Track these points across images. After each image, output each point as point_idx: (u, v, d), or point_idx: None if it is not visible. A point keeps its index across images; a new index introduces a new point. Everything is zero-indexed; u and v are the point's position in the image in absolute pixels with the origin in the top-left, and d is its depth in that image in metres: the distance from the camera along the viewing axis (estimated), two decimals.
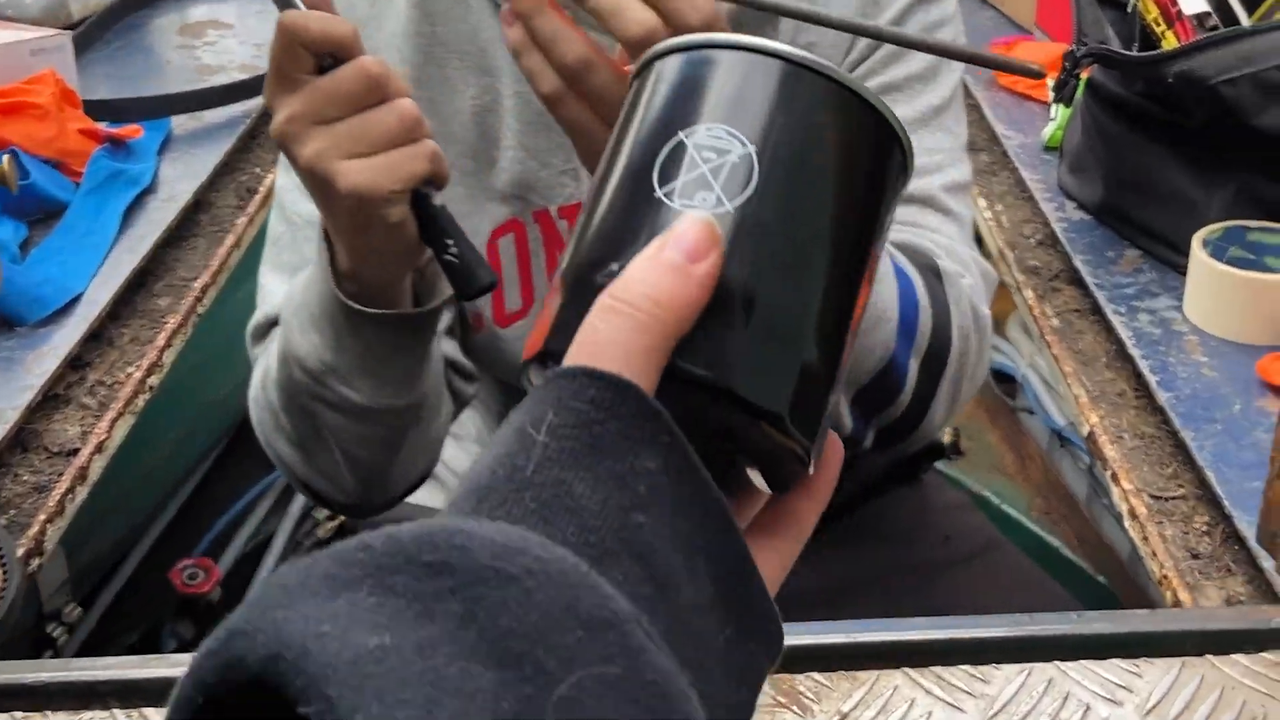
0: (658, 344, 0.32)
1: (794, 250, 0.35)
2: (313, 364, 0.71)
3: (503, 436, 0.31)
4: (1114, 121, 1.15)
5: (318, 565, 0.27)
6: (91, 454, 0.91)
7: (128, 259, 1.09)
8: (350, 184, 0.60)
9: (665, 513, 0.30)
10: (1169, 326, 1.05)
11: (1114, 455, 0.94)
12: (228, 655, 0.26)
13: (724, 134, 0.35)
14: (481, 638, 0.26)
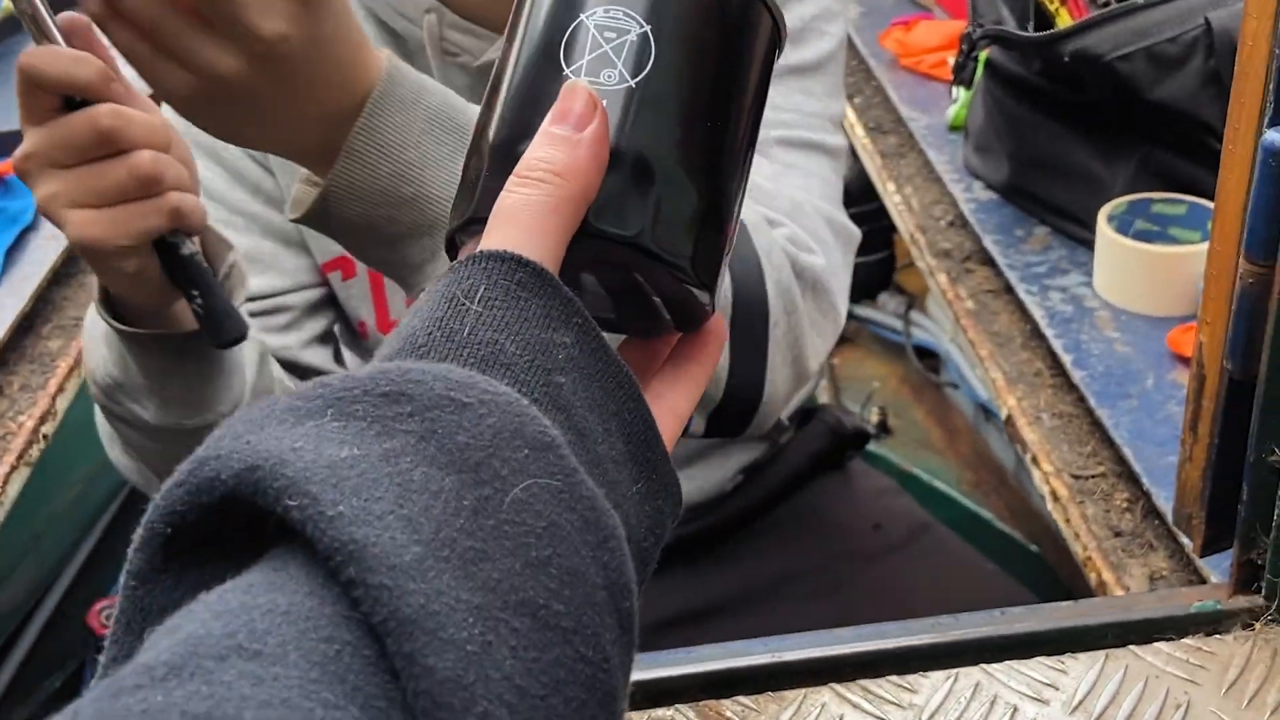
0: (564, 209, 0.37)
1: (690, 117, 0.40)
2: (101, 378, 0.70)
3: (432, 303, 0.35)
4: (1015, 101, 1.15)
5: (278, 403, 0.31)
6: None
7: (11, 302, 1.05)
8: (75, 235, 0.59)
9: (581, 379, 0.35)
10: (1080, 303, 1.06)
11: (1033, 438, 0.95)
12: (198, 480, 0.29)
13: (621, 14, 0.39)
14: (440, 450, 0.30)
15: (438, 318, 0.34)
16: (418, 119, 0.56)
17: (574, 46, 0.39)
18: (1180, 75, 1.03)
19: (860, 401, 1.88)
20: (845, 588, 1.01)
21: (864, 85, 1.50)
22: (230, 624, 0.26)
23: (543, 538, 0.30)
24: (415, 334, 0.34)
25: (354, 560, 0.27)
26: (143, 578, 0.29)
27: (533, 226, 0.36)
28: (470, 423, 0.31)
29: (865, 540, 1.05)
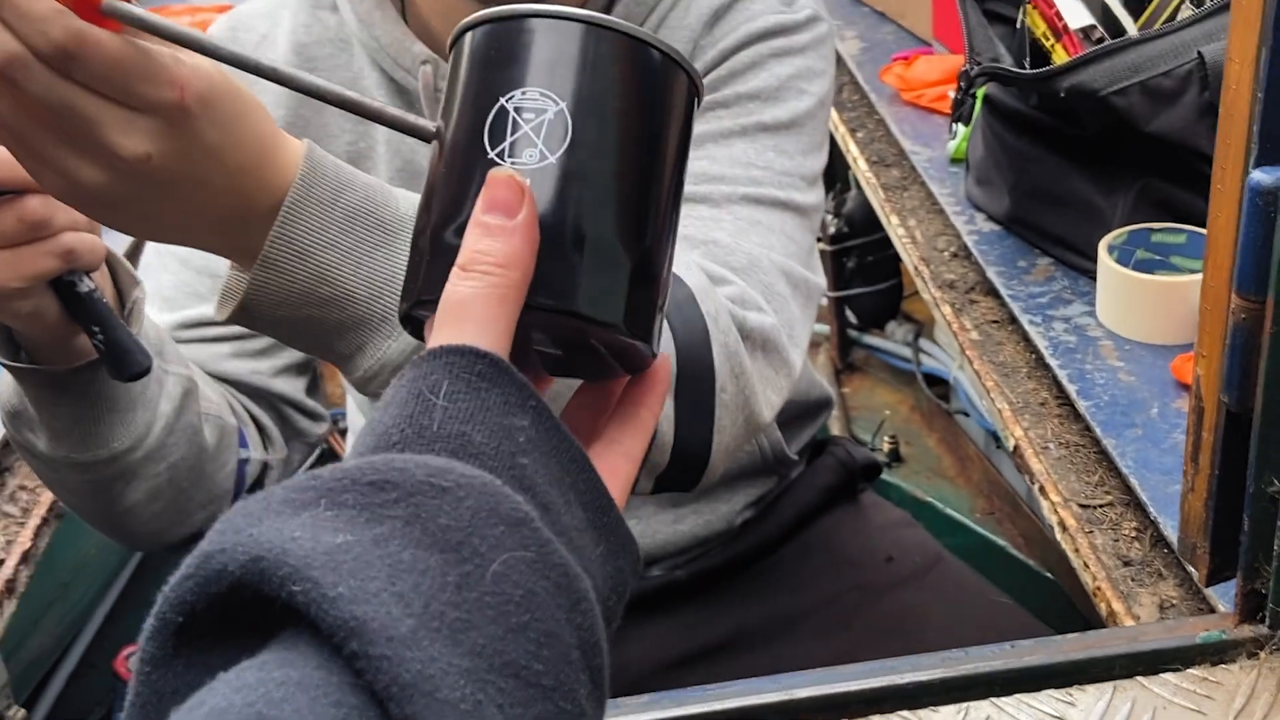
0: (510, 296, 0.40)
1: (612, 184, 0.42)
2: (4, 403, 0.71)
3: (400, 400, 0.38)
4: (1013, 134, 1.17)
5: (274, 495, 0.34)
6: (17, 565, 0.89)
7: None
8: None
9: (540, 458, 0.38)
10: (1084, 333, 1.07)
11: (1040, 468, 0.96)
12: (206, 572, 0.32)
13: (538, 95, 0.41)
14: (425, 532, 0.33)
15: (408, 414, 0.37)
16: (336, 218, 0.54)
17: (497, 130, 0.41)
18: (1176, 108, 1.05)
19: (871, 430, 1.89)
20: (857, 622, 1.01)
21: (866, 120, 1.53)
22: (249, 696, 0.30)
23: (521, 605, 0.33)
24: (389, 431, 0.37)
25: (355, 635, 0.30)
26: (156, 663, 0.32)
27: (484, 317, 0.39)
28: (450, 506, 0.34)
29: (877, 573, 1.06)
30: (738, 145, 0.80)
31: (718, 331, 0.69)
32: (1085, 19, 1.14)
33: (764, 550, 1.05)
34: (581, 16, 0.42)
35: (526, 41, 0.42)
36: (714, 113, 0.82)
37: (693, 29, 0.83)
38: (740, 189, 0.78)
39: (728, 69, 0.82)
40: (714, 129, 0.81)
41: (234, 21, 0.89)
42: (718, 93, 0.82)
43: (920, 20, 1.64)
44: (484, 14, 0.43)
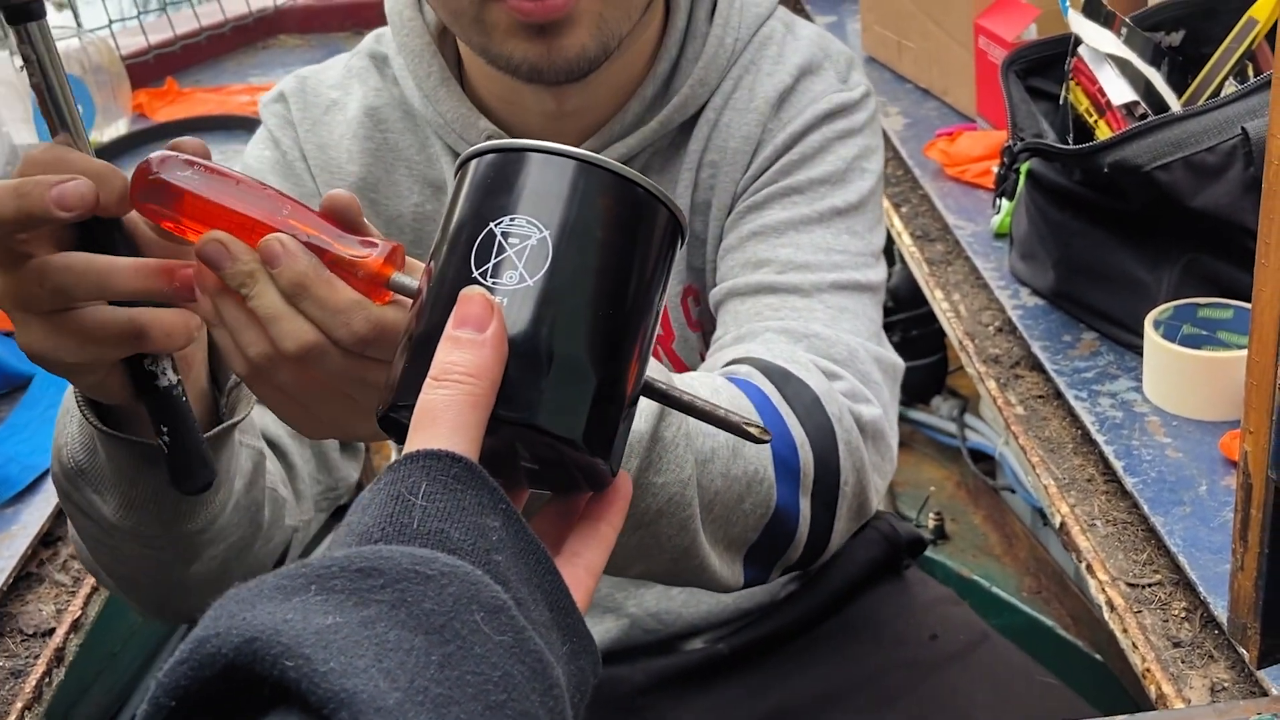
0: (480, 404, 0.42)
1: (584, 310, 0.44)
2: (66, 459, 0.64)
3: (378, 502, 0.40)
4: (1057, 209, 1.18)
5: (266, 582, 0.36)
6: (67, 633, 0.90)
7: None
8: (27, 344, 0.53)
9: (511, 556, 0.40)
10: (1130, 409, 1.06)
11: (1087, 546, 0.95)
12: (201, 656, 0.34)
13: (524, 222, 0.44)
14: (410, 615, 0.35)
15: (388, 514, 0.39)
16: None
17: (483, 252, 0.44)
18: (1220, 183, 1.05)
19: (916, 506, 1.87)
20: (901, 700, 1.00)
21: (910, 194, 1.54)
22: None
23: (499, 685, 0.35)
24: (369, 529, 0.39)
25: (346, 705, 0.32)
26: None
27: (455, 423, 0.42)
28: (434, 591, 0.36)
29: (922, 650, 1.05)
30: (817, 232, 0.83)
31: (842, 431, 0.72)
32: (1128, 95, 1.15)
33: (807, 624, 1.04)
34: (574, 154, 0.45)
35: (520, 172, 0.45)
36: (790, 199, 0.84)
37: (760, 112, 0.85)
38: (827, 276, 0.81)
39: (799, 153, 0.84)
40: (793, 216, 0.83)
41: (302, 84, 0.90)
42: (791, 178, 0.84)
43: (964, 96, 1.66)
44: (486, 145, 0.46)
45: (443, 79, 0.85)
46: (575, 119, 0.84)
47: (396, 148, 0.87)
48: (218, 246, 0.49)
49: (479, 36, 0.77)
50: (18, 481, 1.02)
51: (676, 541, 0.66)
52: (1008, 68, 1.24)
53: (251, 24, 2.24)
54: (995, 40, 1.51)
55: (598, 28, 0.75)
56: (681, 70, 0.85)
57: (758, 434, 0.50)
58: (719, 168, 0.86)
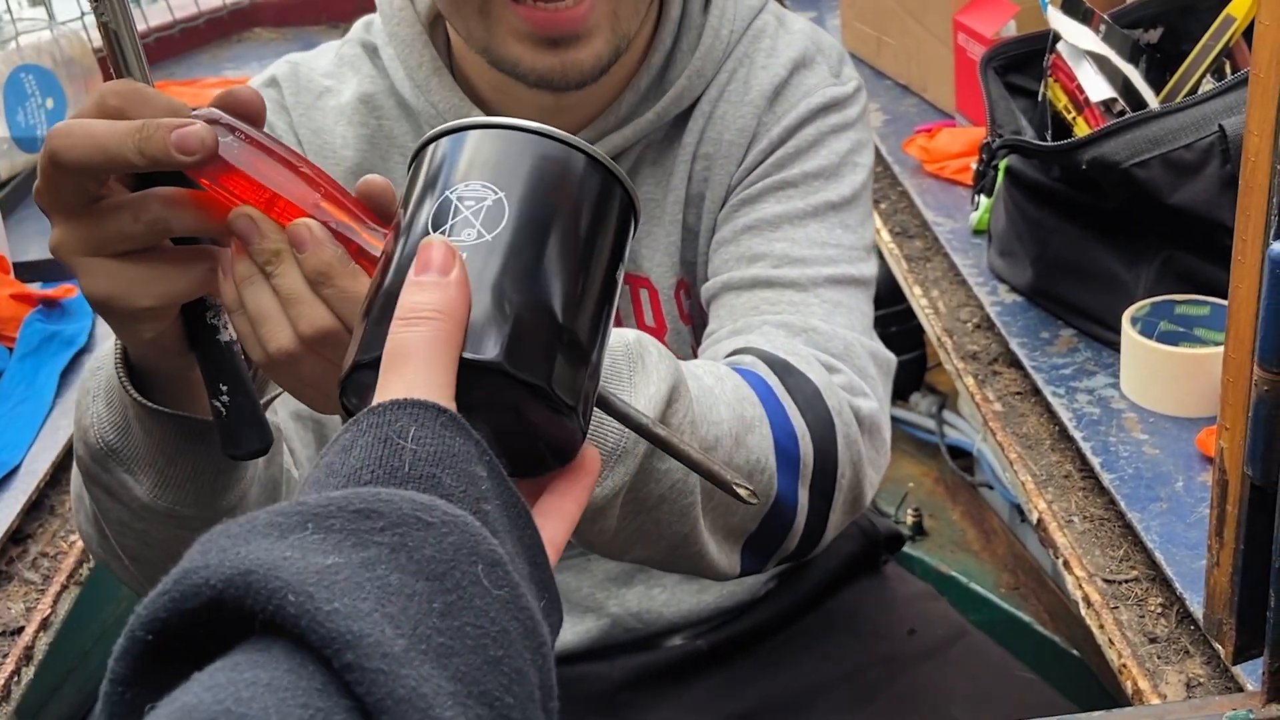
0: (451, 340, 0.42)
1: (544, 264, 0.46)
2: (94, 439, 0.62)
3: (364, 444, 0.39)
4: (1035, 206, 1.18)
5: (258, 518, 0.35)
6: (36, 631, 0.89)
7: (65, 423, 1.08)
8: (92, 290, 0.51)
9: (498, 507, 0.40)
10: (1108, 405, 1.06)
11: (1064, 542, 0.95)
12: (184, 587, 0.33)
13: (479, 186, 0.46)
14: (410, 560, 0.34)
15: (376, 456, 0.38)
16: None
17: (441, 215, 0.46)
18: (1198, 180, 1.05)
19: (895, 503, 1.88)
20: (880, 695, 1.00)
21: (889, 191, 1.54)
22: (219, 694, 0.31)
23: (497, 640, 0.35)
24: (358, 471, 0.38)
25: (351, 648, 0.31)
26: (126, 683, 0.33)
27: (428, 358, 0.42)
28: (435, 539, 0.35)
29: (900, 646, 1.05)
30: (811, 226, 0.83)
31: (841, 424, 0.73)
32: (1106, 92, 1.15)
33: (786, 620, 1.04)
34: (523, 125, 0.47)
35: (473, 146, 0.47)
36: (784, 193, 0.84)
37: (755, 105, 0.85)
38: (823, 270, 0.81)
39: (794, 146, 0.84)
40: (788, 210, 0.83)
41: (294, 70, 0.88)
42: (785, 172, 0.84)
43: (943, 93, 1.66)
44: (444, 126, 0.48)
45: (434, 69, 0.83)
46: (571, 113, 0.83)
47: (391, 134, 0.86)
48: (248, 222, 0.50)
49: (481, 33, 0.75)
50: None
51: (677, 528, 0.66)
52: (986, 64, 1.24)
53: (225, 17, 2.22)
54: (974, 37, 1.51)
55: (612, 31, 0.74)
56: (676, 62, 0.84)
57: (745, 495, 0.51)
58: (713, 160, 0.86)
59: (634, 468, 0.61)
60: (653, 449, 0.62)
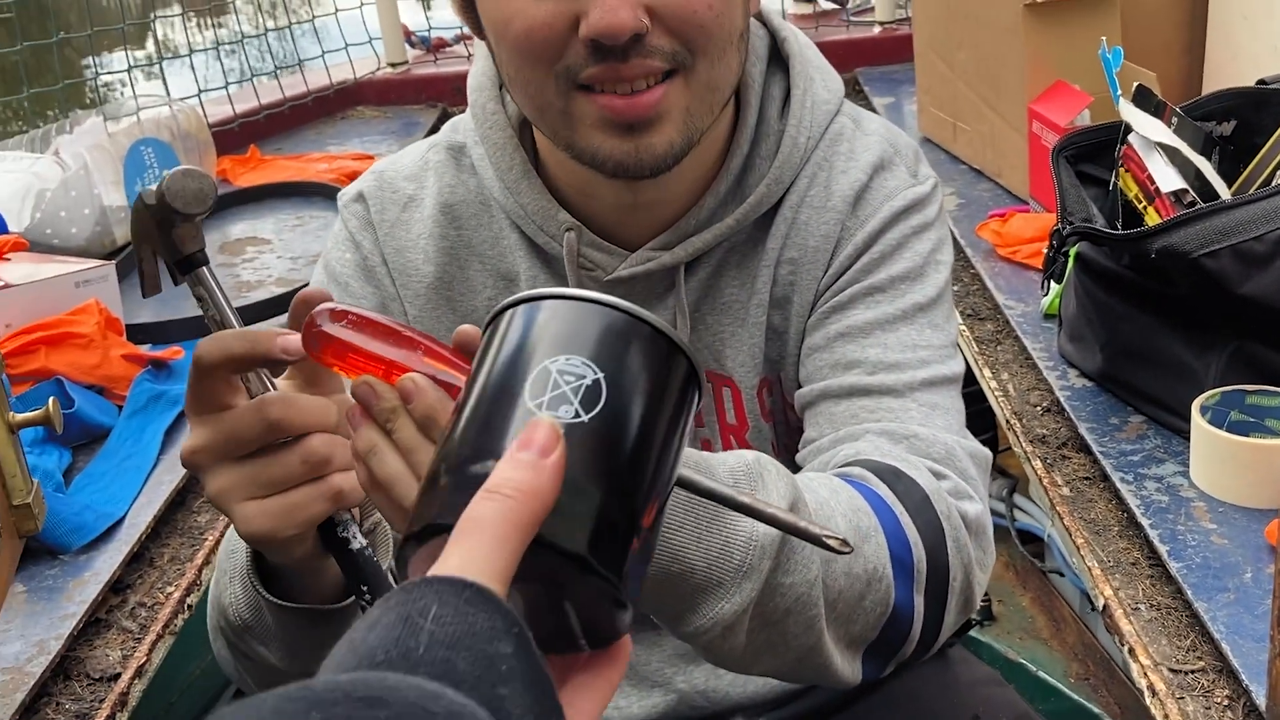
0: (525, 524, 0.43)
1: (631, 452, 0.47)
2: (233, 617, 0.70)
3: (386, 623, 0.39)
4: (1105, 292, 1.19)
5: (265, 703, 0.35)
6: (131, 679, 0.94)
7: (168, 479, 1.14)
8: (248, 531, 0.60)
9: (518, 687, 0.39)
10: (1176, 493, 1.06)
11: (1130, 629, 0.95)
12: None
13: (580, 363, 0.47)
14: None
15: (394, 636, 0.38)
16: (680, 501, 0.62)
17: (538, 386, 0.47)
18: (1269, 272, 1.06)
19: None
20: None
21: (962, 274, 1.56)
22: None
23: None
24: (374, 650, 0.38)
25: None
26: None
27: (497, 535, 0.42)
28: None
29: None
30: (902, 330, 0.85)
31: (950, 528, 0.74)
32: (1177, 183, 1.17)
33: (848, 701, 1.04)
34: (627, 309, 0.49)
35: (578, 318, 0.48)
36: (873, 299, 0.86)
37: (838, 210, 0.88)
38: (917, 374, 0.83)
39: (879, 251, 0.87)
40: (878, 315, 0.85)
41: (380, 181, 0.93)
42: (873, 277, 0.86)
43: (1017, 179, 1.68)
44: (535, 292, 0.50)
45: (524, 171, 0.87)
46: (649, 211, 0.86)
47: (470, 243, 0.90)
48: (367, 388, 0.54)
49: (565, 130, 0.79)
50: (92, 529, 1.06)
51: (803, 640, 0.67)
52: (1058, 153, 1.26)
53: (331, 95, 2.34)
54: (1049, 125, 1.54)
55: (684, 123, 0.78)
56: (755, 167, 0.87)
57: (837, 545, 0.52)
58: (799, 265, 0.89)
59: (760, 583, 0.63)
60: (776, 565, 0.64)
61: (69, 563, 1.05)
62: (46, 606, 0.99)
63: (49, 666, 0.93)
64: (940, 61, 1.89)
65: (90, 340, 1.22)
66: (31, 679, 0.92)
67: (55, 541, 1.04)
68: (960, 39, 1.81)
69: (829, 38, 2.48)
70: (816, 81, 0.89)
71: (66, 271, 1.32)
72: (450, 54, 2.62)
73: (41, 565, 1.04)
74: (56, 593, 1.01)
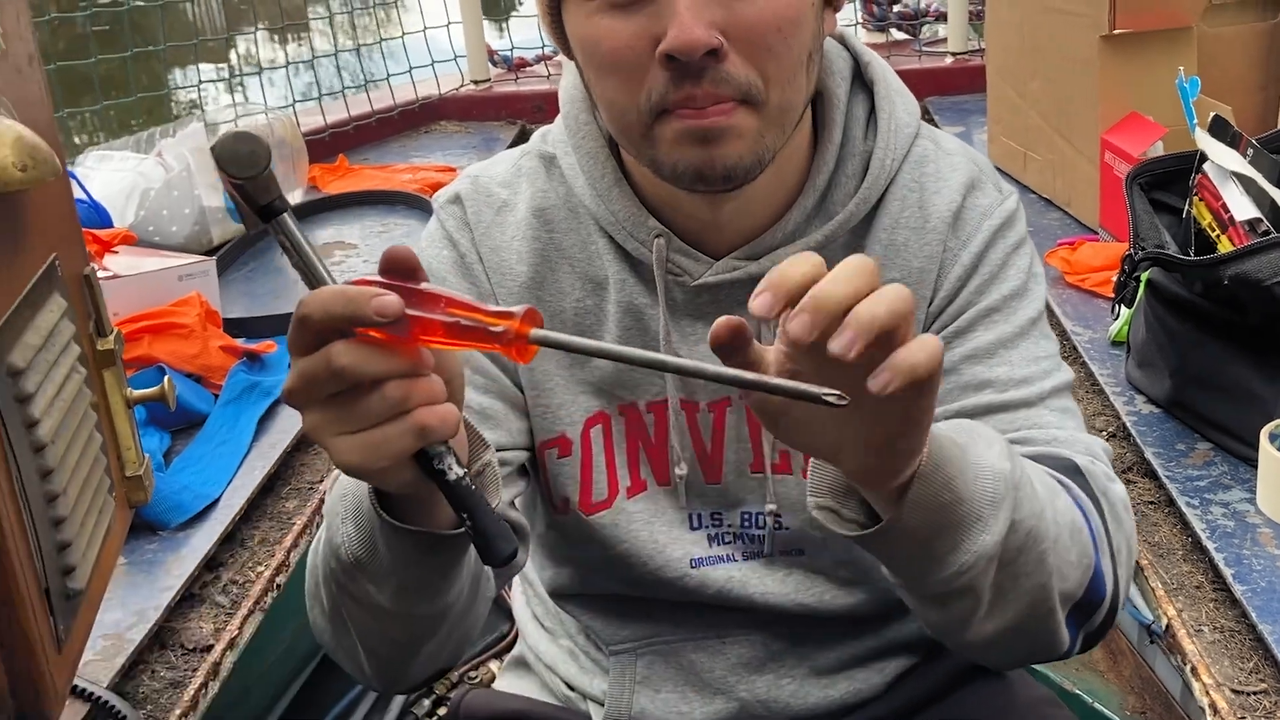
0: None
1: None
2: (345, 556, 0.73)
3: None
4: (1176, 319, 1.20)
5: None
6: (224, 650, 0.99)
7: (260, 465, 1.20)
8: (341, 462, 0.63)
9: None
10: (1243, 519, 1.07)
11: (1192, 649, 0.96)
12: None
13: None
14: None
15: None
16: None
17: None
18: None
19: None
20: None
21: None
22: None
23: None
24: None
25: None
26: None
27: None
28: None
29: None
30: (1022, 346, 0.89)
31: (1107, 504, 0.80)
32: (1252, 212, 1.18)
33: (907, 715, 1.06)
34: None
35: None
36: (990, 320, 0.89)
37: (937, 231, 0.91)
38: (1045, 385, 0.87)
39: (988, 272, 0.90)
40: (999, 336, 0.89)
41: (475, 185, 0.97)
42: (988, 299, 0.90)
43: (1087, 208, 1.70)
44: None
45: (615, 180, 0.91)
46: (731, 225, 0.90)
47: (561, 246, 0.95)
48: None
49: (648, 150, 0.82)
50: (190, 508, 1.12)
51: (1035, 578, 0.72)
52: (1132, 179, 1.28)
53: (417, 109, 2.42)
54: (1121, 155, 1.56)
55: (755, 142, 0.82)
56: (840, 184, 0.91)
57: (834, 400, 0.54)
58: (908, 280, 0.91)
59: (1010, 514, 0.68)
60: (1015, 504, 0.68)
61: (167, 539, 1.10)
62: (146, 579, 1.05)
63: (147, 635, 0.99)
64: (1012, 91, 1.92)
65: (191, 331, 1.28)
66: (131, 645, 0.97)
67: (155, 518, 1.10)
68: (1034, 69, 1.83)
69: (901, 66, 2.50)
70: (898, 105, 0.92)
71: (171, 265, 1.39)
72: (530, 73, 2.70)
73: (141, 540, 1.10)
74: (155, 566, 1.06)
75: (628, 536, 0.90)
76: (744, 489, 0.90)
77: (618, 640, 0.97)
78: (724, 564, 0.91)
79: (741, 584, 0.91)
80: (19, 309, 0.74)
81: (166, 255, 1.45)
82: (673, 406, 0.89)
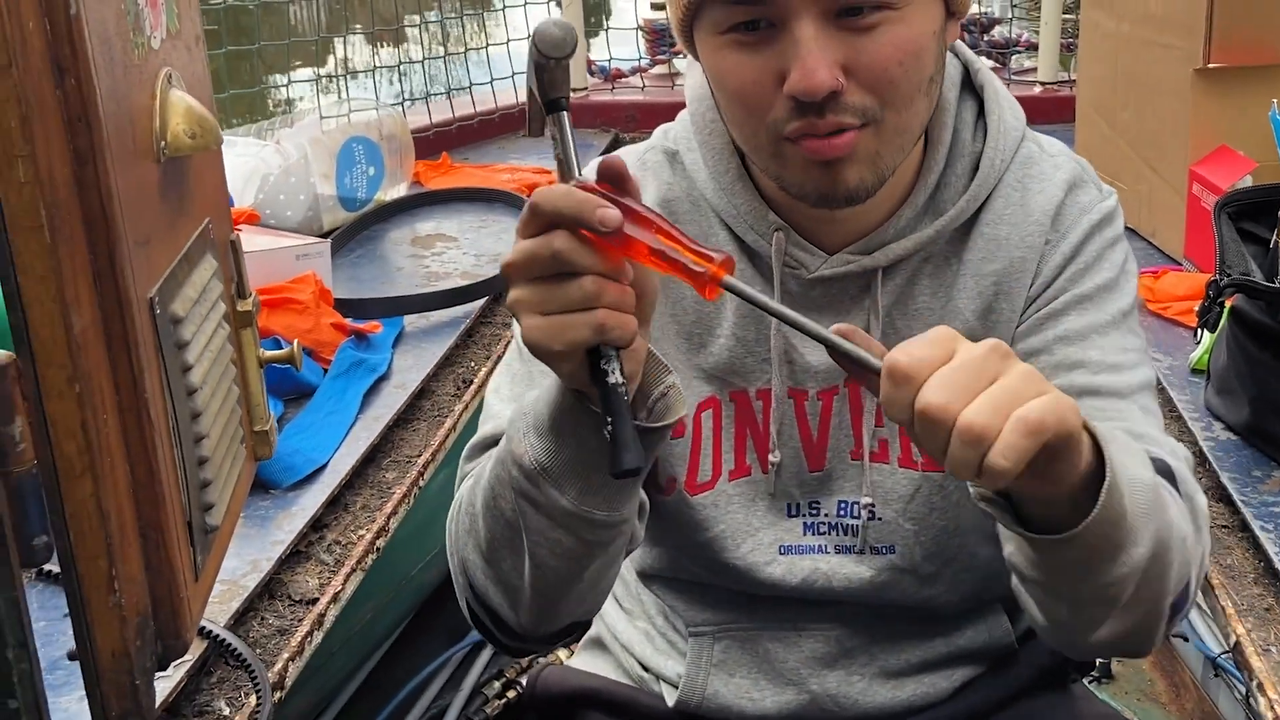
0: None
1: None
2: (528, 463, 0.78)
3: None
4: (1258, 347, 1.22)
5: None
6: (328, 604, 1.05)
7: (364, 436, 1.26)
8: (527, 337, 0.70)
9: None
10: None
11: (1260, 666, 0.98)
12: None
13: None
14: None
15: None
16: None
17: None
18: None
19: None
20: None
21: None
22: None
23: None
24: None
25: None
26: None
27: None
28: None
29: None
30: (1112, 335, 0.92)
31: (1191, 506, 0.83)
32: None
33: None
34: None
35: None
36: (1082, 307, 0.93)
37: (1039, 223, 0.95)
38: (1133, 378, 0.90)
39: (1083, 262, 0.94)
40: (1091, 322, 0.92)
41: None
42: (1081, 286, 0.93)
43: (1171, 238, 1.71)
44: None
45: (738, 175, 0.96)
46: (846, 223, 0.95)
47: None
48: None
49: (775, 167, 0.88)
50: (300, 470, 1.19)
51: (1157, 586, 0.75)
52: (1221, 208, 1.30)
53: (517, 113, 2.51)
54: (1209, 188, 1.57)
55: (874, 163, 0.86)
56: (950, 184, 0.95)
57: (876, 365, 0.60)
58: (1005, 276, 0.95)
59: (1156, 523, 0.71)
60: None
61: (279, 498, 1.17)
62: (259, 533, 1.12)
63: (260, 584, 1.05)
64: (1102, 121, 1.94)
65: (305, 307, 1.36)
66: (245, 591, 1.04)
67: (269, 478, 1.17)
68: (1125, 100, 1.85)
69: None
70: (1006, 109, 0.97)
71: (289, 245, 1.46)
72: (625, 84, 2.77)
73: (255, 497, 1.17)
74: (268, 522, 1.13)
75: (725, 518, 0.95)
76: (843, 475, 0.94)
77: (698, 623, 1.00)
78: (812, 554, 0.95)
79: (826, 576, 0.95)
80: (180, 263, 0.82)
81: (285, 235, 1.53)
82: (777, 395, 0.93)
